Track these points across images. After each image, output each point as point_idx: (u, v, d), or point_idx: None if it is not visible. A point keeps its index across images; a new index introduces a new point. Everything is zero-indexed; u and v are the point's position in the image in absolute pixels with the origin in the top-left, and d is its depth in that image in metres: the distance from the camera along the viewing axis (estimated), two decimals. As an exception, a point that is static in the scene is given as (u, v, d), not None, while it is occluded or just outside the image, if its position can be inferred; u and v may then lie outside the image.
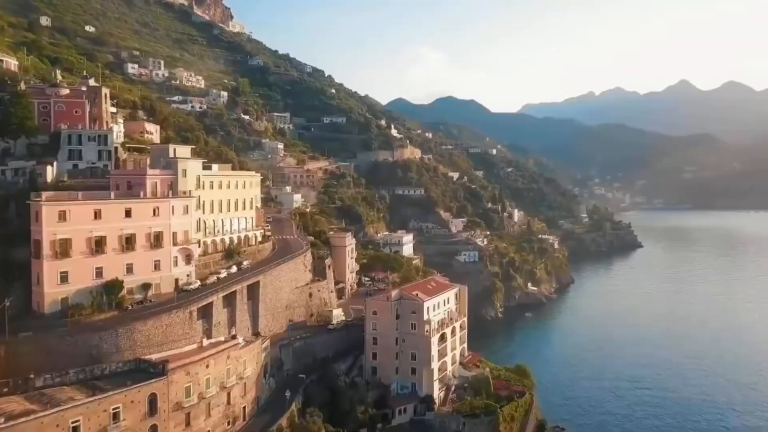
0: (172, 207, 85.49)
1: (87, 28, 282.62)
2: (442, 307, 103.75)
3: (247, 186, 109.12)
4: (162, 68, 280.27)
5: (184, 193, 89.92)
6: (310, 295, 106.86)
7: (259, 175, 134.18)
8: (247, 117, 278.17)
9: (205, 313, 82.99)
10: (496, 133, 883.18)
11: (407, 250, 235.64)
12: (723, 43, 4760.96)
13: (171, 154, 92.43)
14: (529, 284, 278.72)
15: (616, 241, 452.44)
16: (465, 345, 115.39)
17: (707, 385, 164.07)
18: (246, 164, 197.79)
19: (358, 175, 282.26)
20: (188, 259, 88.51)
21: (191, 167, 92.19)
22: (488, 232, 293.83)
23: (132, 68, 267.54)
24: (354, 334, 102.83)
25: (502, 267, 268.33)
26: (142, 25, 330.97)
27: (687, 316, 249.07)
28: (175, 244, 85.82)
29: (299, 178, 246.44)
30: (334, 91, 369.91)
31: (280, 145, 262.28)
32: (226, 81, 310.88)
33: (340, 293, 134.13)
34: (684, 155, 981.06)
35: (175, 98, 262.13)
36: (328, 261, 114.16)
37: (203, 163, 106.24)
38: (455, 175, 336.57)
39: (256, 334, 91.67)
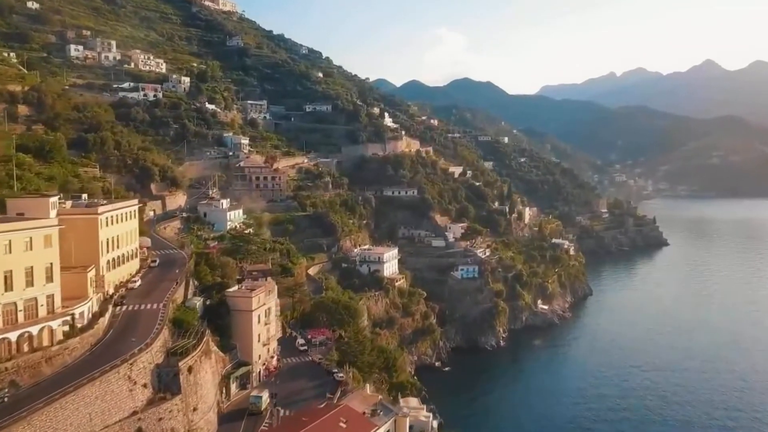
0: None
1: (29, 4, 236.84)
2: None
3: (37, 245, 62.19)
4: (113, 50, 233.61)
5: None
6: (141, 430, 60.53)
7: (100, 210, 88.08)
8: (212, 106, 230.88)
9: None
10: (512, 116, 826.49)
11: (390, 268, 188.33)
12: (750, 20, 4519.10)
13: None
14: (539, 301, 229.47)
15: (639, 239, 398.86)
16: None
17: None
18: (172, 170, 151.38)
19: (339, 174, 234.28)
20: None
21: None
22: (492, 239, 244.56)
23: (75, 50, 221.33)
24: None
25: (507, 283, 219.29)
26: (106, 1, 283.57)
27: (725, 335, 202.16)
28: None
29: (263, 180, 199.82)
30: (321, 75, 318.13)
31: (245, 140, 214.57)
32: (195, 65, 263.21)
33: (243, 381, 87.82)
34: (709, 139, 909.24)
35: (125, 85, 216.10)
36: (185, 362, 67.25)
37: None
38: (457, 171, 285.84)
39: None
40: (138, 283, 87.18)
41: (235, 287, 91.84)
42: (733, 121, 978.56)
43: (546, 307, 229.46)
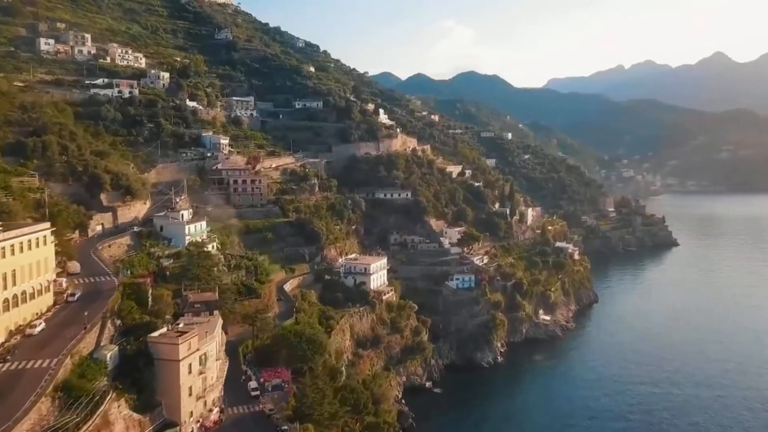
0: None
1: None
2: None
3: None
4: (88, 43, 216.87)
5: None
6: None
7: None
8: (193, 104, 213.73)
9: None
10: (518, 110, 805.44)
11: (377, 279, 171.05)
12: (759, 12, 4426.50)
13: None
14: (541, 312, 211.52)
15: (647, 239, 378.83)
16: None
17: None
18: (127, 177, 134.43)
19: (328, 175, 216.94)
20: None
21: None
22: (492, 244, 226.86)
23: (46, 44, 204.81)
24: None
25: (506, 292, 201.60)
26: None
27: (740, 348, 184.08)
28: None
29: (242, 184, 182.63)
30: (312, 69, 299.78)
31: (225, 140, 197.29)
32: (177, 59, 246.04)
33: (167, 445, 71.33)
34: (719, 133, 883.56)
35: (98, 81, 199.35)
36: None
37: None
38: (455, 170, 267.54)
39: None
40: (39, 328, 70.49)
41: (164, 329, 75.00)
42: (743, 114, 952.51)
43: (548, 317, 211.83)
